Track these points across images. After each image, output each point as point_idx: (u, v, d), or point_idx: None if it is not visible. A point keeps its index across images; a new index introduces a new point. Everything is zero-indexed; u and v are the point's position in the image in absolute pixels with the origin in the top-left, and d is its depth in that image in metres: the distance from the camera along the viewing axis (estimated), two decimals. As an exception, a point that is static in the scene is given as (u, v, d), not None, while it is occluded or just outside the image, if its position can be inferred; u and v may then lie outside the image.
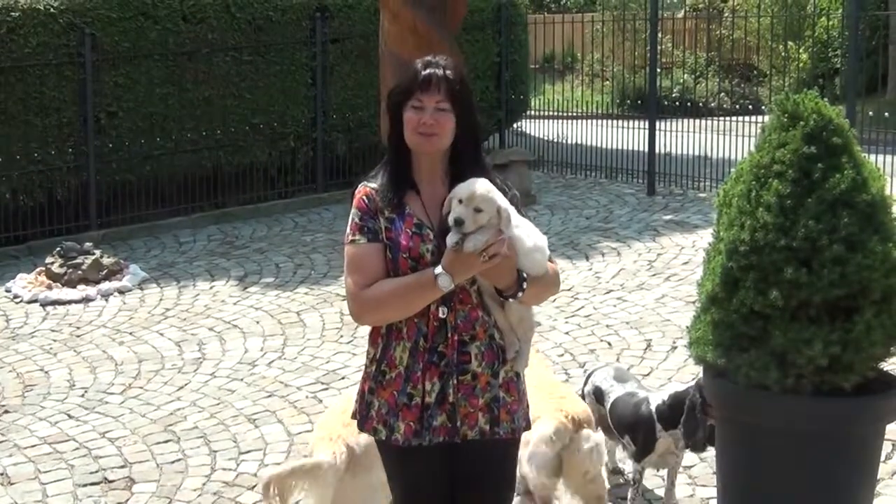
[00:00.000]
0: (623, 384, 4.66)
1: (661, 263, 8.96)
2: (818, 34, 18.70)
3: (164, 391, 6.49)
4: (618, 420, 4.58)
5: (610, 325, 7.35)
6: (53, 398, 6.43)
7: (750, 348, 3.47)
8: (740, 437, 3.66)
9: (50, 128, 10.45)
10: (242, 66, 11.81)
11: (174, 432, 5.83)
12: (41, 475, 5.34)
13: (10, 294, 8.71)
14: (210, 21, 11.57)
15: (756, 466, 3.60)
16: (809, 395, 3.44)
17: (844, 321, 3.39)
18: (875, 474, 3.78)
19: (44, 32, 10.34)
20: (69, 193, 10.71)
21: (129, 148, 10.96)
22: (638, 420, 4.43)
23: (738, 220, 3.51)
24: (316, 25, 12.33)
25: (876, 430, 3.66)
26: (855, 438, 3.56)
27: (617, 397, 4.59)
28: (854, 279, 3.36)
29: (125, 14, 10.93)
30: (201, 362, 6.99)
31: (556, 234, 10.32)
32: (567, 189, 12.65)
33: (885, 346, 3.49)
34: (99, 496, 5.09)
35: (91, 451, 5.62)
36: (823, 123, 3.49)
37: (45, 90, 10.38)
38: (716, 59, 19.17)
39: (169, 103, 11.23)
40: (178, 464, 5.43)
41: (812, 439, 3.52)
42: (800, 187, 3.43)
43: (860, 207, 3.41)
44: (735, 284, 3.48)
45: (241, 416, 6.01)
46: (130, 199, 11.02)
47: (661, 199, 11.79)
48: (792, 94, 3.68)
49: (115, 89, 10.86)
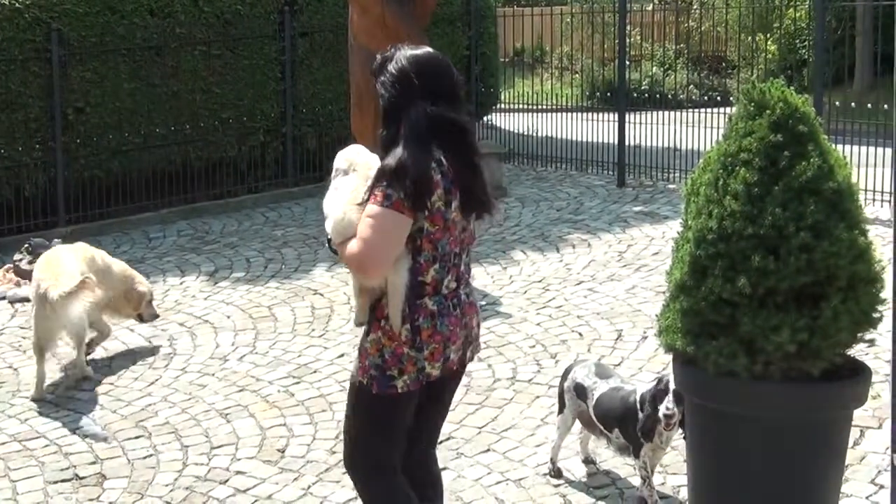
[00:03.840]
0: (606, 380, 4.71)
1: (631, 254, 9.01)
2: (786, 25, 18.83)
3: (135, 387, 6.47)
4: (605, 415, 4.62)
5: (581, 315, 7.38)
6: (22, 395, 6.38)
7: (718, 336, 3.50)
8: (710, 424, 3.68)
9: (17, 123, 10.37)
10: (211, 61, 11.77)
11: (145, 428, 5.81)
12: (11, 472, 5.31)
13: (-22, 291, 8.66)
14: (177, 15, 11.52)
15: (725, 453, 3.63)
16: (778, 381, 3.47)
17: (811, 308, 3.42)
18: (843, 459, 3.82)
19: (9, 28, 10.25)
20: (37, 189, 10.65)
21: (97, 144, 10.91)
22: (627, 413, 4.48)
23: (705, 208, 3.53)
24: (285, 19, 12.30)
25: (843, 416, 3.70)
26: (823, 424, 3.60)
27: (602, 393, 4.63)
28: (821, 266, 3.39)
29: (92, 9, 10.87)
30: (172, 357, 6.97)
31: (527, 226, 10.36)
32: (538, 181, 12.70)
33: (851, 332, 3.52)
34: (70, 493, 5.07)
35: (61, 447, 5.59)
36: (790, 112, 3.52)
37: (11, 86, 10.30)
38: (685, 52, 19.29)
39: (137, 98, 11.17)
40: (150, 459, 5.41)
41: (780, 425, 3.55)
42: (766, 175, 3.45)
43: (826, 195, 3.44)
44: (703, 273, 3.51)
45: (213, 411, 6.00)
46: (99, 194, 10.94)
47: (631, 190, 11.85)
48: (759, 84, 3.70)
49: (83, 85, 10.79)
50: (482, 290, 8.16)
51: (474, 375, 6.32)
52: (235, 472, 5.22)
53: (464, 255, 3.64)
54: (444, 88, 3.57)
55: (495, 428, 5.58)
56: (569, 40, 18.33)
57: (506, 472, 5.06)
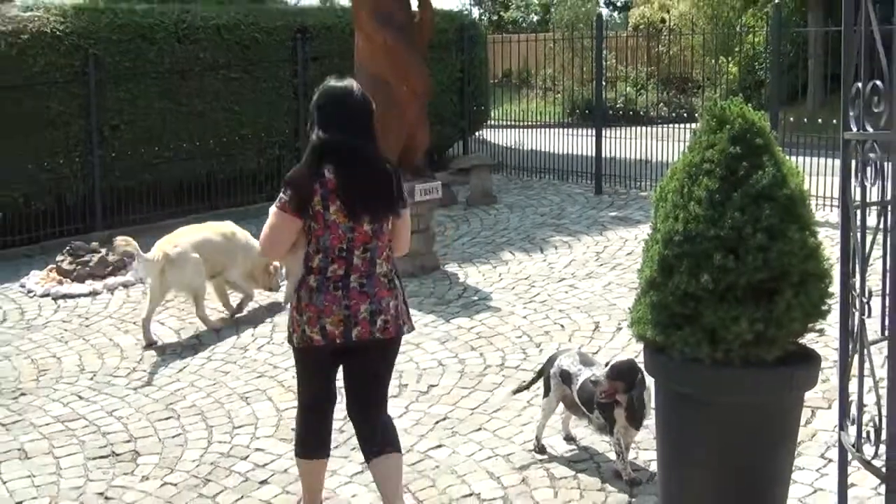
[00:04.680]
0: (589, 367, 4.74)
1: (607, 255, 9.02)
2: (746, 50, 18.84)
3: (165, 374, 6.48)
4: (587, 398, 4.64)
5: (562, 309, 7.39)
6: (65, 381, 6.40)
7: (684, 326, 3.51)
8: (677, 406, 3.69)
9: (58, 139, 10.40)
10: (232, 83, 11.80)
11: (174, 410, 5.83)
12: (55, 450, 5.32)
13: (24, 289, 8.66)
14: (202, 42, 11.55)
15: (691, 431, 3.64)
16: (737, 367, 3.48)
17: (767, 301, 3.44)
18: (795, 437, 3.83)
19: (51, 53, 10.28)
20: (77, 198, 10.67)
21: (130, 157, 10.92)
22: None
23: (672, 213, 3.54)
24: (297, 45, 12.33)
25: (796, 398, 3.71)
26: (778, 405, 3.61)
27: (585, 379, 4.65)
28: (775, 264, 3.40)
29: (125, 36, 10.90)
30: (198, 348, 6.98)
31: (514, 229, 10.37)
32: (524, 190, 12.70)
33: (802, 323, 3.54)
34: (107, 468, 5.08)
35: (100, 428, 5.61)
36: (747, 126, 3.53)
37: (53, 106, 10.32)
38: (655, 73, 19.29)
39: (166, 117, 11.20)
40: (178, 438, 5.43)
41: (740, 406, 3.56)
42: (727, 183, 3.46)
43: (780, 201, 3.45)
44: (671, 270, 3.52)
45: (235, 395, 6.02)
46: (132, 202, 10.97)
47: (608, 197, 11.86)
48: (721, 101, 3.72)
49: (118, 104, 10.82)
50: (475, 287, 8.18)
51: (468, 363, 6.34)
52: (255, 449, 5.23)
53: (357, 251, 4.00)
54: (342, 117, 4.01)
55: (486, 409, 5.60)
56: (551, 63, 18.35)
57: (495, 448, 5.07)
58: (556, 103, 18.10)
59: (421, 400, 5.78)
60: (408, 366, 6.34)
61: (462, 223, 10.87)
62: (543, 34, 20.01)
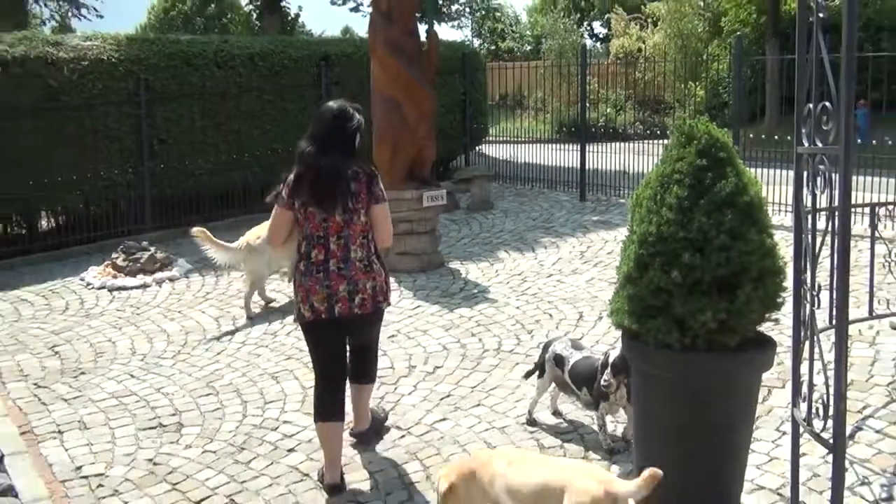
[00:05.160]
0: (580, 351, 4.79)
1: (590, 253, 9.02)
2: (711, 75, 18.83)
3: (206, 356, 6.48)
4: (577, 377, 4.68)
5: (551, 301, 7.38)
6: (119, 362, 6.41)
7: (657, 316, 3.50)
8: (650, 385, 3.69)
9: (113, 152, 10.41)
10: (264, 104, 11.81)
11: (214, 387, 5.83)
12: (110, 421, 5.33)
13: (84, 282, 8.67)
14: (238, 68, 11.56)
15: (663, 408, 3.64)
16: (702, 351, 3.48)
17: (729, 294, 3.43)
18: (754, 412, 3.83)
19: (108, 78, 10.30)
20: (129, 203, 10.68)
21: (175, 168, 10.93)
22: (593, 376, 4.53)
23: (647, 217, 3.54)
24: (321, 71, 12.33)
25: (754, 378, 3.71)
26: (738, 384, 3.60)
27: (576, 361, 4.69)
28: (736, 262, 3.40)
29: (172, 63, 10.91)
30: (234, 333, 6.99)
31: (509, 231, 10.37)
32: (518, 197, 12.69)
33: (760, 313, 3.53)
34: (155, 437, 5.08)
35: (149, 402, 5.61)
36: (712, 142, 3.53)
37: (109, 123, 10.34)
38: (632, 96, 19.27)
39: (206, 133, 11.21)
40: (217, 412, 5.43)
41: (705, 386, 3.55)
42: (694, 191, 3.46)
43: (741, 207, 3.45)
44: (645, 267, 3.52)
45: (266, 375, 6.02)
46: (177, 207, 10.97)
47: (591, 203, 11.85)
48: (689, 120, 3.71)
49: (164, 122, 10.83)
50: (474, 281, 8.17)
51: (468, 347, 6.33)
52: (283, 421, 5.23)
53: (333, 238, 4.27)
54: (323, 132, 4.33)
55: (484, 388, 5.60)
56: (542, 87, 18.35)
57: (492, 421, 5.07)
58: (545, 122, 18.08)
59: (427, 379, 5.79)
60: (416, 350, 6.34)
61: (463, 226, 10.87)
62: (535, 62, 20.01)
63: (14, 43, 9.73)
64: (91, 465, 4.74)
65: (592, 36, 40.43)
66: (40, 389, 5.88)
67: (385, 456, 4.71)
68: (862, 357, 5.68)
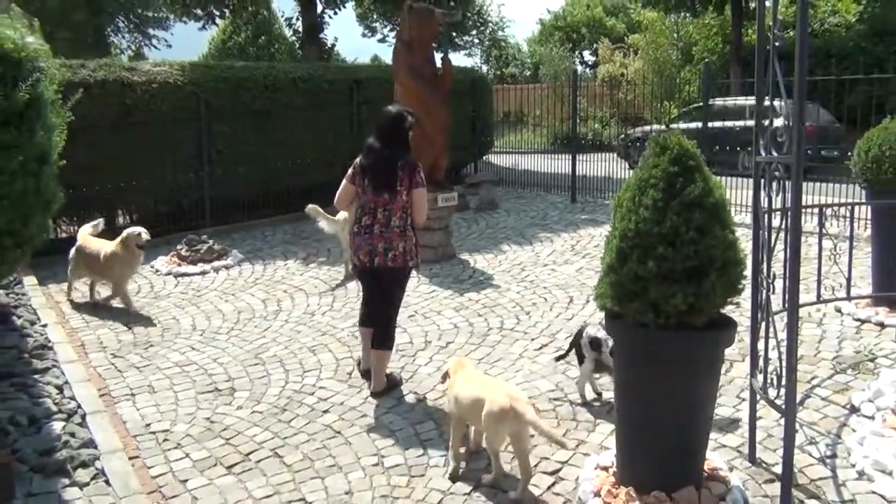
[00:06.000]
0: None
1: (580, 246, 8.97)
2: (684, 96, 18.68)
3: (255, 332, 6.50)
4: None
5: (546, 286, 7.35)
6: (182, 337, 6.43)
7: (634, 300, 3.46)
8: (629, 359, 3.66)
9: (178, 160, 10.42)
10: (305, 120, 11.78)
11: (261, 358, 5.85)
12: (174, 386, 5.35)
13: (153, 269, 8.71)
14: (283, 90, 11.55)
15: (640, 380, 3.60)
16: (674, 330, 3.44)
17: (697, 282, 3.38)
18: (717, 382, 3.78)
19: (174, 98, 10.30)
20: (191, 203, 10.70)
21: (230, 174, 10.93)
22: None
23: (627, 215, 3.50)
24: (353, 92, 12.30)
25: (718, 353, 3.66)
26: (704, 358, 3.56)
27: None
28: (704, 254, 3.35)
29: (228, 86, 10.92)
30: (279, 313, 6.99)
31: (511, 228, 10.33)
32: (519, 199, 12.64)
33: (724, 297, 3.47)
34: (212, 400, 5.10)
35: (207, 370, 5.63)
36: (683, 152, 3.47)
37: (176, 136, 10.34)
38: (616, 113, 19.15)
39: (256, 145, 11.20)
40: (264, 379, 5.44)
41: (676, 359, 3.51)
42: (667, 194, 3.41)
43: (707, 207, 3.40)
44: (625, 258, 3.47)
45: (305, 348, 6.02)
46: (232, 207, 10.99)
47: (580, 204, 11.78)
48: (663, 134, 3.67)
49: (221, 135, 10.83)
50: (481, 270, 8.15)
51: (476, 326, 6.31)
52: (319, 387, 5.24)
53: (380, 210, 4.83)
54: (384, 130, 4.91)
55: (489, 360, 5.58)
56: (539, 106, 18.27)
57: (496, 388, 5.04)
58: (542, 135, 18.00)
59: (441, 353, 5.77)
60: (431, 327, 6.32)
61: (472, 223, 10.83)
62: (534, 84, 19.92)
63: (96, 68, 9.76)
64: (158, 423, 4.77)
65: (582, 63, 40.20)
66: (116, 359, 5.91)
67: (404, 417, 4.70)
68: (811, 335, 5.62)
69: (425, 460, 4.15)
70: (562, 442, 3.60)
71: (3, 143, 3.92)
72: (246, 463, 4.22)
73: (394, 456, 4.23)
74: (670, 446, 3.54)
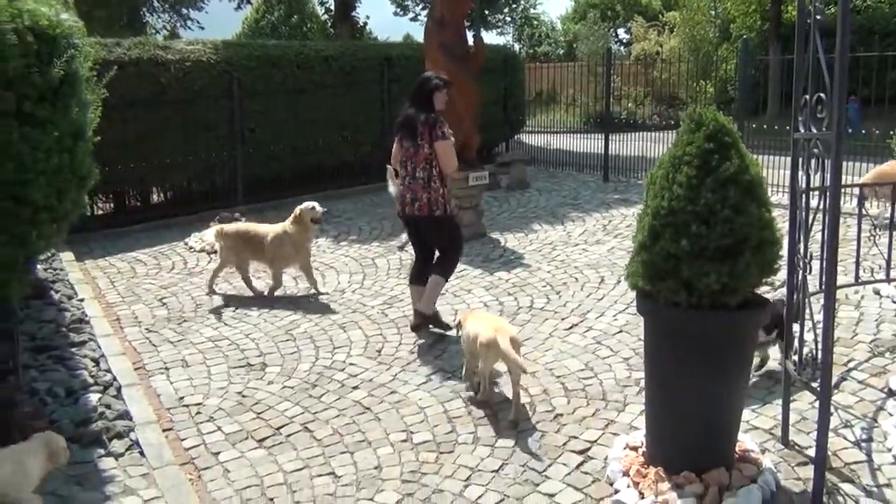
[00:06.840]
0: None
1: (611, 226, 8.88)
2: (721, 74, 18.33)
3: (287, 308, 6.55)
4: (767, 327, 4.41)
5: (577, 266, 7.30)
6: (214, 312, 6.51)
7: (667, 278, 3.42)
8: (660, 339, 3.62)
9: (211, 139, 10.50)
10: (336, 98, 11.79)
11: (292, 334, 5.89)
12: (207, 361, 5.42)
13: (187, 246, 8.81)
14: (315, 68, 11.55)
15: (670, 358, 3.56)
16: (707, 309, 3.39)
17: (731, 261, 3.33)
18: (750, 363, 3.73)
19: (207, 76, 10.36)
20: (224, 182, 10.79)
21: (261, 152, 11.00)
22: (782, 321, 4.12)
23: (660, 193, 3.45)
24: (384, 70, 12.27)
25: (750, 333, 3.61)
26: (736, 338, 3.51)
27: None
28: (738, 233, 3.30)
29: (259, 64, 10.95)
30: (309, 290, 7.03)
31: (542, 207, 10.26)
32: (550, 178, 12.55)
33: (758, 277, 3.42)
34: (244, 374, 5.16)
35: (239, 346, 5.70)
36: (718, 128, 3.41)
37: (209, 115, 10.42)
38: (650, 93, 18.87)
39: (288, 123, 11.24)
40: (294, 354, 5.49)
41: (709, 339, 3.47)
42: (702, 171, 3.35)
43: (743, 184, 3.34)
44: (657, 236, 3.43)
45: (335, 325, 6.06)
46: (263, 185, 11.06)
47: (612, 184, 11.67)
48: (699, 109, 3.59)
49: (253, 114, 10.88)
50: (512, 249, 8.11)
51: (506, 304, 6.30)
52: (349, 363, 5.27)
53: (409, 163, 5.44)
54: (412, 93, 5.55)
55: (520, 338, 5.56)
56: (573, 85, 18.05)
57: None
58: (575, 115, 17.81)
59: (470, 331, 5.76)
60: (461, 306, 6.32)
61: (503, 202, 10.78)
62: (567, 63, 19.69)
63: (130, 47, 9.85)
64: (191, 396, 4.84)
65: (617, 41, 39.63)
66: (151, 333, 6.00)
67: (433, 394, 4.71)
68: (848, 318, 5.52)
69: (454, 437, 4.16)
70: (522, 367, 4.22)
71: (39, 119, 3.96)
72: (277, 437, 4.27)
73: (422, 432, 4.25)
74: (700, 427, 3.51)
